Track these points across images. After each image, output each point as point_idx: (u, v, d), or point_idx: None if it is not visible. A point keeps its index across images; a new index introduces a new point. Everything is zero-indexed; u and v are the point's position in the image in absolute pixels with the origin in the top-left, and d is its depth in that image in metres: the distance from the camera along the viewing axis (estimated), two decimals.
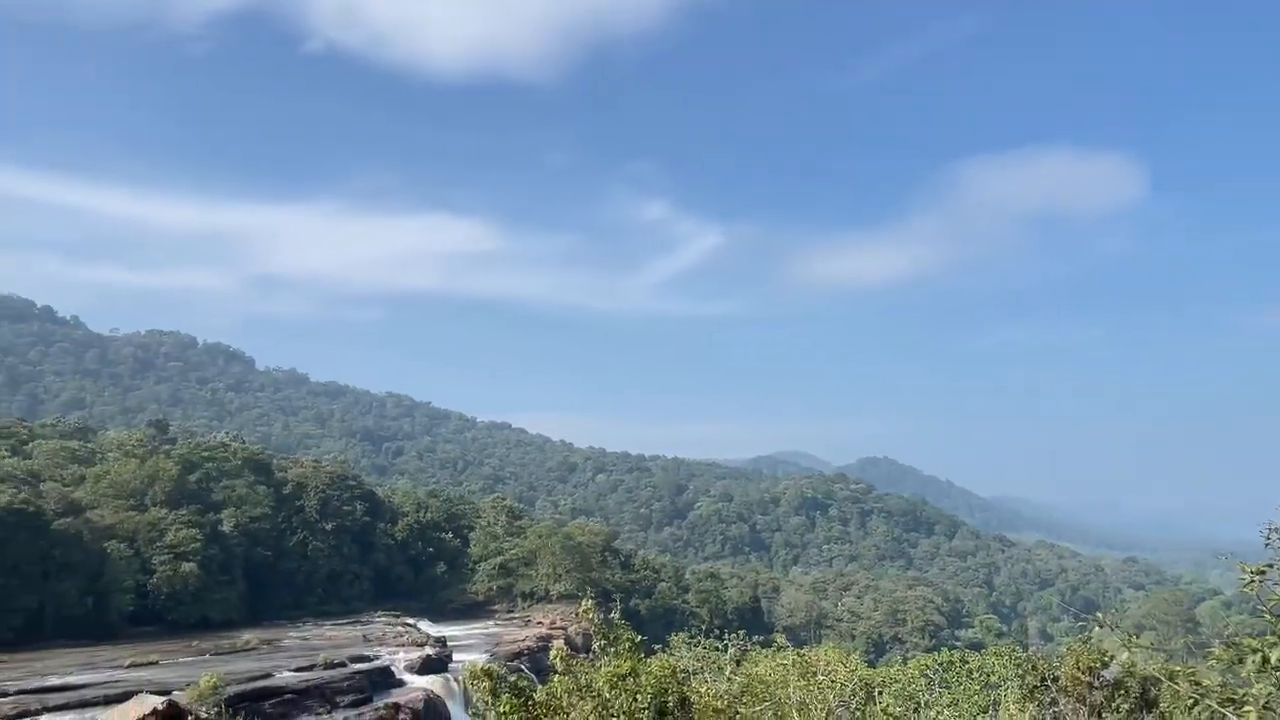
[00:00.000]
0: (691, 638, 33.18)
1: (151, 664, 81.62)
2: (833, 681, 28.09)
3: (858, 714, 29.12)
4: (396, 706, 68.46)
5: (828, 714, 27.49)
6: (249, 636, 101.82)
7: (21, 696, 64.28)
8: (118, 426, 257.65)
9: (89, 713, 56.62)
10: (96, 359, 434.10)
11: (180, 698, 49.45)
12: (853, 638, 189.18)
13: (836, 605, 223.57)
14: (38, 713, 59.37)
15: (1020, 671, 35.29)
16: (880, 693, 32.92)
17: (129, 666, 79.76)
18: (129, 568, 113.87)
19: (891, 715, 29.57)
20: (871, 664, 72.39)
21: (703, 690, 25.85)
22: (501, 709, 19.22)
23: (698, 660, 30.18)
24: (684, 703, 19.71)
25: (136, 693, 53.84)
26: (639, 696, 18.85)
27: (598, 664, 21.41)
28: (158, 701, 45.54)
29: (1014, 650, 39.49)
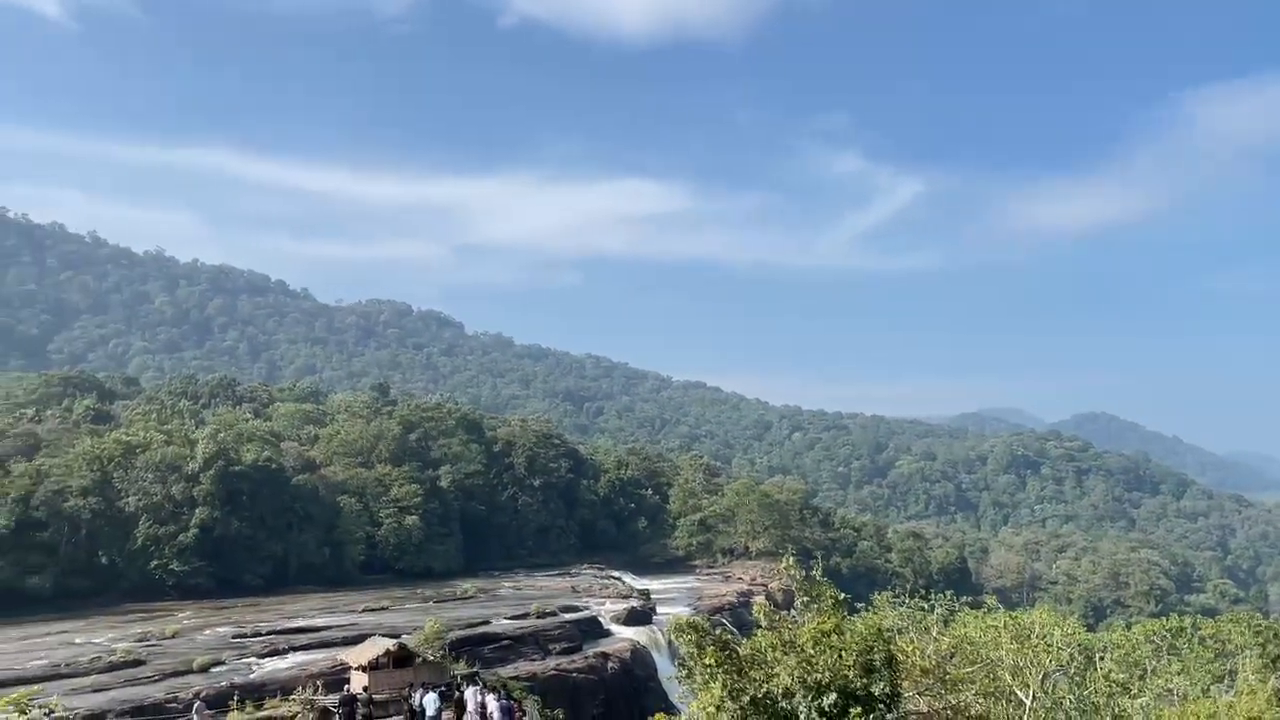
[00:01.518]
0: (895, 597, 32.66)
1: (382, 609, 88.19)
2: (1048, 645, 26.98)
3: (1076, 679, 27.90)
4: (605, 655, 71.06)
5: (1044, 678, 26.48)
6: (467, 585, 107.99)
7: (272, 636, 71.19)
8: (344, 390, 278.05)
9: (330, 652, 61.93)
10: (324, 328, 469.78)
11: (409, 640, 53.25)
12: (1069, 601, 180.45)
13: (1051, 567, 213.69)
14: (285, 651, 65.55)
15: (1260, 640, 32.76)
16: (1101, 658, 31.34)
17: (363, 611, 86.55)
18: (359, 520, 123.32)
19: (1114, 681, 28.18)
20: (1090, 629, 68.84)
21: (909, 649, 25.45)
22: (706, 661, 19.61)
23: (903, 619, 29.67)
24: (890, 661, 19.47)
25: (371, 635, 58.42)
26: (843, 654, 18.78)
27: (801, 620, 21.46)
28: (390, 644, 49.20)
29: (1253, 618, 36.63)
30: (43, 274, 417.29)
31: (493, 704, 36.05)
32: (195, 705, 45.83)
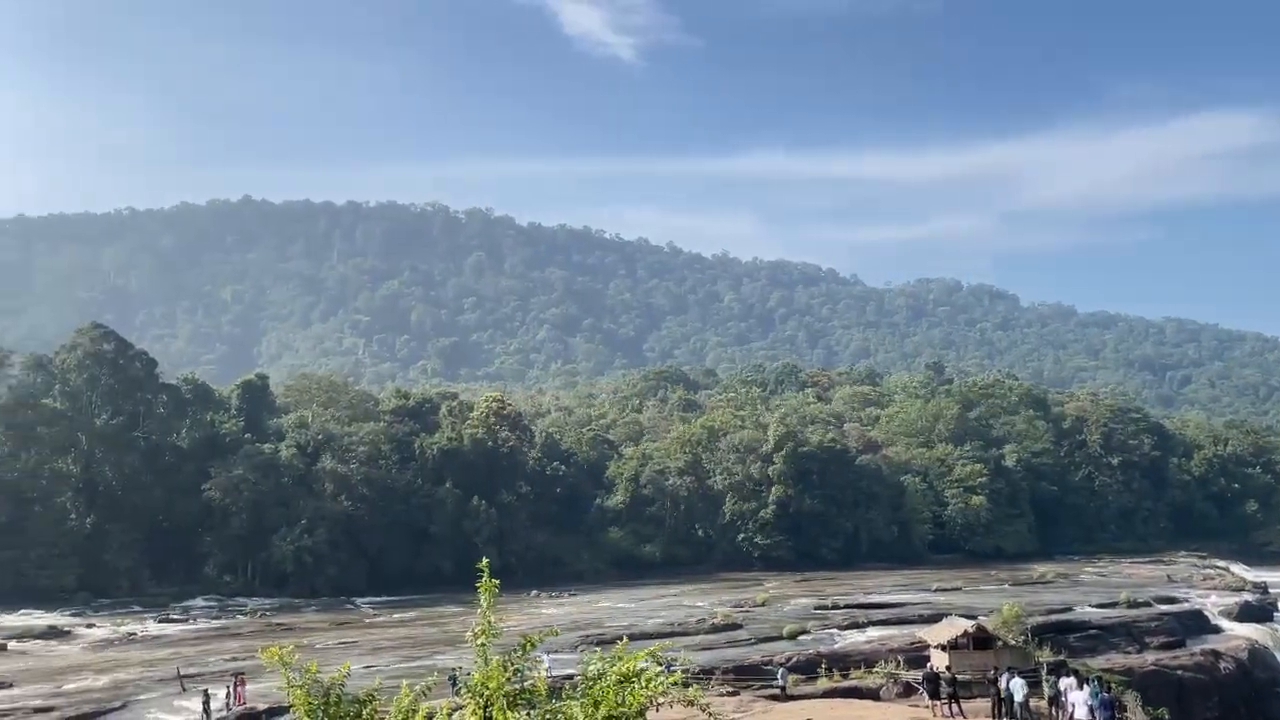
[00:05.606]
0: None
1: (954, 589, 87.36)
2: None
3: None
4: (1216, 654, 62.63)
5: None
6: (1044, 570, 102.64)
7: (850, 609, 74.27)
8: (898, 371, 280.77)
9: (907, 629, 62.79)
10: (875, 311, 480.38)
11: (987, 622, 51.97)
12: None
13: None
14: (864, 625, 67.89)
15: None
16: None
17: (935, 590, 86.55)
18: (924, 499, 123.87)
19: None
20: None
21: None
22: None
23: None
24: None
25: (947, 614, 58.06)
26: None
27: None
28: (968, 624, 48.43)
29: None
30: (634, 284, 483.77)
31: (1085, 695, 33.73)
32: (780, 671, 49.49)
